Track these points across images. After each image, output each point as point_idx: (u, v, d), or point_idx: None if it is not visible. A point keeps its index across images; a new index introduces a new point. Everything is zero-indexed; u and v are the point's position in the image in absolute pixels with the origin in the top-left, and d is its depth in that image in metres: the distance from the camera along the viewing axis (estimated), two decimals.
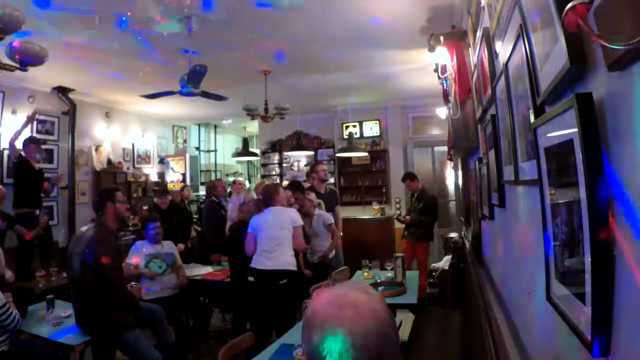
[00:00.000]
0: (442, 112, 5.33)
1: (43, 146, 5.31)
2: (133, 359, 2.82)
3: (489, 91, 1.97)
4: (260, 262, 3.41)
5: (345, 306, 0.78)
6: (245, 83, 5.53)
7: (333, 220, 4.45)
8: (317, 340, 0.76)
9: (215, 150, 9.84)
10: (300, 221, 3.57)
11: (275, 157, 8.55)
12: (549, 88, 0.99)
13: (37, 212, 4.73)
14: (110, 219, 2.85)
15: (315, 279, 3.70)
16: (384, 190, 7.40)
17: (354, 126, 7.61)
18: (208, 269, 4.51)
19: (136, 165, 7.34)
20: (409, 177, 5.67)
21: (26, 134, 5.04)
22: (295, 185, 4.44)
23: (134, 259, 3.78)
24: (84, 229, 2.87)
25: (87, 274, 2.63)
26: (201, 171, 9.25)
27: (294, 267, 3.46)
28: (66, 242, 5.32)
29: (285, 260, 3.41)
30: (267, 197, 3.62)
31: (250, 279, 3.56)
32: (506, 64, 1.49)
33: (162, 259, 3.85)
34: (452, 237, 5.82)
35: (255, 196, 4.49)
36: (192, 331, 4.10)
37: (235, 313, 4.06)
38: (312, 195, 4.39)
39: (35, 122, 5.43)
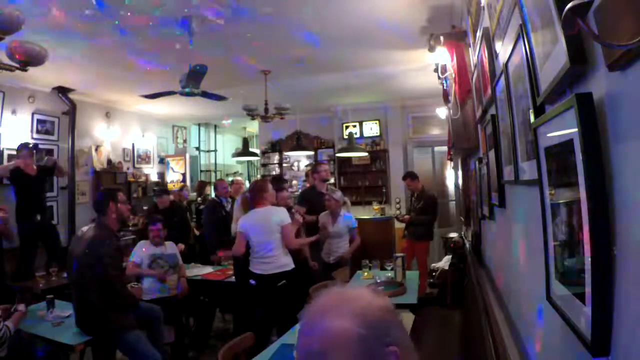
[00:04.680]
0: (442, 112, 5.34)
1: (44, 146, 5.31)
2: (133, 359, 2.82)
3: (489, 91, 1.97)
4: (259, 267, 3.40)
5: (346, 299, 0.77)
6: (245, 83, 5.52)
7: (356, 224, 4.43)
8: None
9: (215, 150, 9.82)
10: (287, 219, 3.41)
11: (275, 157, 8.55)
12: (549, 88, 0.99)
13: (38, 217, 4.67)
14: (111, 220, 2.85)
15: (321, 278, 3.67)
16: (384, 190, 7.40)
17: (354, 126, 7.62)
18: (208, 269, 4.50)
19: (136, 165, 7.33)
20: (410, 176, 5.67)
21: (22, 138, 5.03)
22: (276, 180, 4.32)
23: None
24: (84, 229, 2.87)
25: (87, 274, 2.63)
26: (201, 171, 9.25)
27: (289, 267, 3.41)
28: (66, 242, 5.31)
29: (280, 263, 3.37)
30: (255, 194, 3.50)
31: (252, 282, 3.54)
32: (506, 64, 1.49)
33: (165, 260, 3.85)
34: (452, 237, 5.83)
35: None
36: (196, 331, 4.09)
37: (236, 313, 4.05)
38: (338, 194, 4.35)
39: (35, 123, 5.44)
